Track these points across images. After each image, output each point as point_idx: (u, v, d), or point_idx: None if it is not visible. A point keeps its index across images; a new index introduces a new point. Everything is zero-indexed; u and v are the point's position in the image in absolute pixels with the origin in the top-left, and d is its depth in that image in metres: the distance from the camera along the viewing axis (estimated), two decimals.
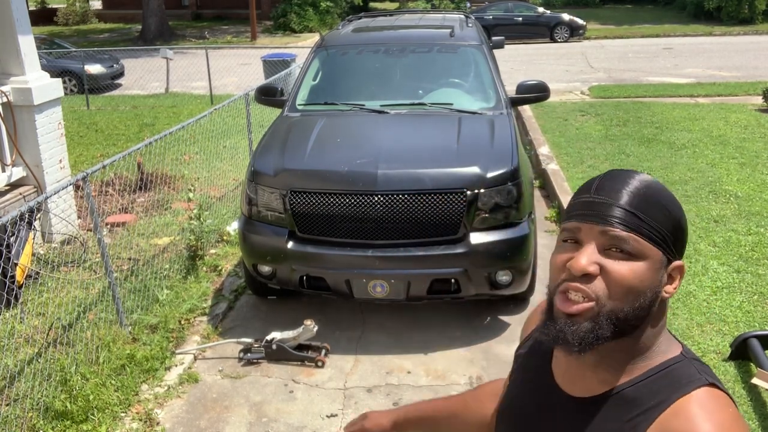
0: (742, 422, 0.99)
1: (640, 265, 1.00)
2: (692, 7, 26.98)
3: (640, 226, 0.99)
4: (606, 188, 1.03)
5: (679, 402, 0.99)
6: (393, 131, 4.76)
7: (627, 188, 1.02)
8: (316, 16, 27.21)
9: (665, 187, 1.05)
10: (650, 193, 1.02)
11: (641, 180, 1.03)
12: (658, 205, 1.01)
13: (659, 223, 1.00)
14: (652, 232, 1.00)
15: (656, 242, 1.00)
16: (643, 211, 1.00)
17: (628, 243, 0.99)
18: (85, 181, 4.12)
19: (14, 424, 3.46)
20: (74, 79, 14.63)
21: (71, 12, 32.85)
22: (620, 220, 1.00)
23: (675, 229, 1.02)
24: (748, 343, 3.78)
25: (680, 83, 13.14)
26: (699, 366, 1.04)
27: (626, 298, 1.00)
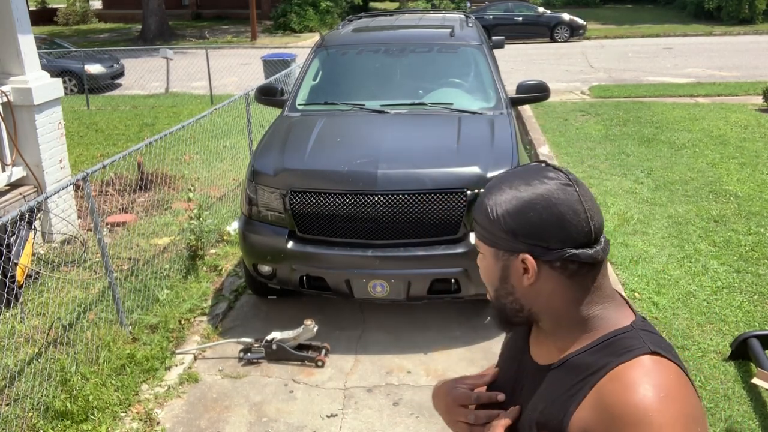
0: (685, 390, 1.03)
1: (483, 261, 1.20)
2: (692, 7, 26.98)
3: (477, 229, 1.18)
4: (479, 199, 1.21)
5: (619, 368, 1.05)
6: (393, 131, 4.76)
7: (480, 197, 1.19)
8: (316, 16, 27.21)
9: (506, 192, 1.14)
10: (488, 201, 1.16)
11: (489, 189, 1.17)
12: (488, 211, 1.15)
13: (487, 227, 1.15)
14: (484, 234, 1.17)
15: (487, 242, 1.16)
16: (478, 217, 1.17)
17: (477, 245, 1.21)
18: (85, 181, 4.12)
19: (14, 424, 3.46)
20: (74, 79, 14.63)
21: (71, 12, 32.85)
22: (474, 227, 1.21)
23: (505, 229, 1.13)
24: (748, 342, 3.79)
25: (680, 83, 13.14)
26: (647, 336, 1.10)
27: (488, 287, 1.21)
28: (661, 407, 0.99)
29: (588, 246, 1.11)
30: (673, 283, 4.80)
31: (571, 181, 1.13)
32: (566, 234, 1.10)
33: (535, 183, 1.13)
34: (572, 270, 1.12)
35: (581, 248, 1.11)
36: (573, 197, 1.11)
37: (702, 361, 3.88)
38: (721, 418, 3.41)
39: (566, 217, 1.10)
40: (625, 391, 1.02)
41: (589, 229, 1.11)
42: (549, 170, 1.15)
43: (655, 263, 5.10)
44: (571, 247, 1.10)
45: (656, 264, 5.08)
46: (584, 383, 1.09)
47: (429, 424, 3.59)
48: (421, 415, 3.67)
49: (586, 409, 1.06)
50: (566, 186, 1.12)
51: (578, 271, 1.12)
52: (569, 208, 1.10)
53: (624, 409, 1.00)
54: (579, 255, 1.10)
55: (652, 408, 0.99)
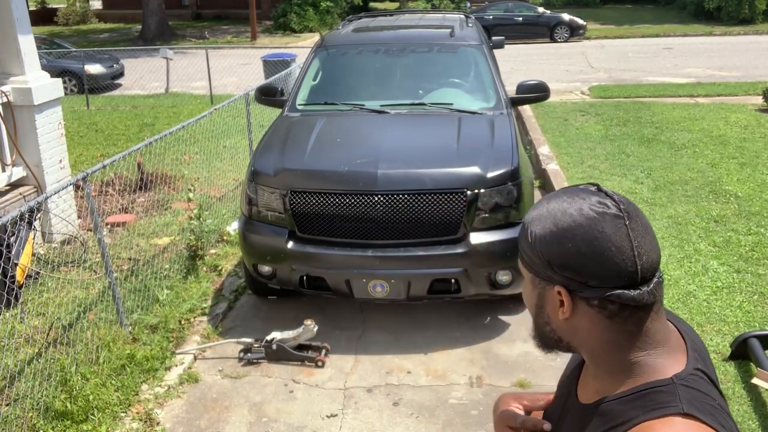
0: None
1: (524, 282, 1.14)
2: (692, 7, 26.98)
3: (519, 248, 1.12)
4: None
5: (643, 425, 0.97)
6: (393, 131, 4.76)
7: (527, 216, 1.11)
8: (316, 16, 27.22)
9: (546, 214, 1.06)
10: (528, 219, 1.09)
11: (535, 207, 1.10)
12: (527, 231, 1.08)
13: (524, 248, 1.09)
14: (522, 255, 1.10)
15: (525, 264, 1.10)
16: (520, 235, 1.11)
17: (520, 261, 1.14)
18: (85, 181, 4.12)
19: (14, 424, 3.46)
20: (74, 79, 14.63)
21: (71, 12, 32.85)
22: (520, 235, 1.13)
23: (540, 255, 1.05)
24: (748, 343, 3.78)
25: (680, 83, 13.14)
26: (686, 393, 0.99)
27: (528, 309, 1.16)
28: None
29: (632, 287, 0.99)
30: (673, 283, 4.80)
31: (622, 212, 1.01)
32: (606, 271, 0.99)
33: (580, 209, 1.02)
34: (612, 310, 1.01)
35: (624, 288, 0.99)
36: (620, 231, 0.99)
37: None
38: None
39: (608, 253, 0.99)
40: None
41: (635, 269, 0.99)
42: (599, 196, 1.03)
43: None
44: (612, 287, 0.99)
45: None
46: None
47: (429, 424, 3.60)
48: (421, 415, 3.67)
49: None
50: (615, 218, 1.00)
51: (619, 313, 1.01)
52: (613, 243, 0.99)
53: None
54: (619, 296, 0.99)
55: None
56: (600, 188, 1.06)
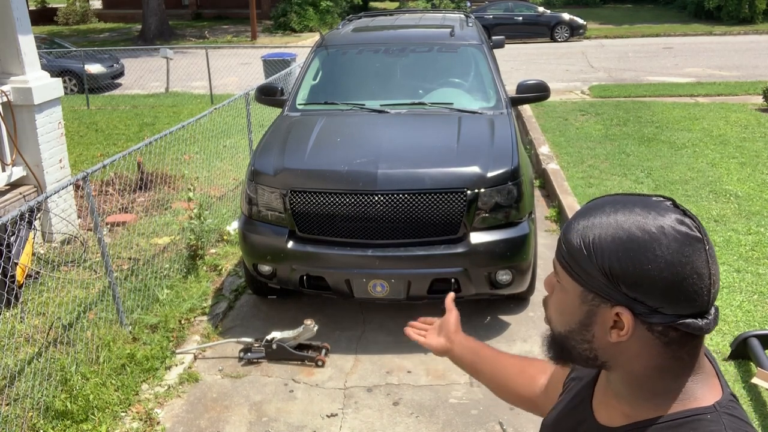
0: None
1: (563, 295, 1.01)
2: (692, 7, 26.98)
3: (563, 255, 0.99)
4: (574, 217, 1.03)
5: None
6: (393, 131, 4.76)
7: (576, 216, 1.01)
8: (316, 16, 27.21)
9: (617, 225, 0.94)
10: (587, 226, 0.96)
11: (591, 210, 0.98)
12: (585, 240, 0.95)
13: (579, 259, 0.96)
14: (570, 265, 0.97)
15: (574, 276, 0.97)
16: (569, 241, 0.97)
17: (558, 272, 1.02)
18: (85, 181, 4.12)
19: (14, 423, 3.46)
20: (74, 78, 14.63)
21: (71, 11, 32.83)
22: (558, 245, 1.01)
23: (605, 272, 0.94)
24: (748, 342, 3.78)
25: (680, 83, 13.13)
26: (730, 422, 0.94)
27: (557, 321, 1.03)
28: None
29: (701, 315, 0.93)
30: None
31: (702, 234, 0.93)
32: (682, 299, 0.91)
33: (662, 227, 0.92)
34: (672, 338, 0.94)
35: (693, 317, 0.92)
36: (701, 258, 0.91)
37: None
38: None
39: (690, 280, 0.91)
40: None
41: (708, 298, 0.92)
42: (678, 214, 0.94)
43: None
44: (683, 314, 0.92)
45: None
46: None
47: (429, 424, 3.60)
48: (421, 415, 3.67)
49: None
50: (697, 241, 0.92)
51: (679, 340, 0.95)
52: (695, 270, 0.91)
53: None
54: (689, 324, 0.92)
55: None
56: (676, 204, 0.96)
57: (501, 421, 3.60)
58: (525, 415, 3.62)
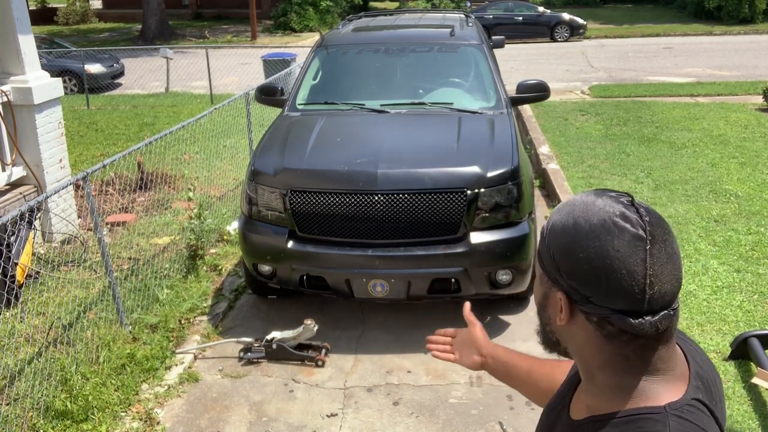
0: None
1: (537, 281, 1.10)
2: (692, 7, 26.97)
3: (541, 249, 1.06)
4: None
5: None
6: (393, 131, 4.76)
7: (558, 209, 1.06)
8: (316, 16, 27.21)
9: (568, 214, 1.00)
10: (553, 217, 1.04)
11: (560, 210, 1.04)
12: (548, 228, 1.04)
13: (540, 244, 1.06)
14: (539, 251, 1.06)
15: (539, 260, 1.06)
16: (542, 231, 1.06)
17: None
18: (86, 181, 4.12)
19: (14, 423, 3.46)
20: (74, 78, 14.63)
21: (71, 11, 32.84)
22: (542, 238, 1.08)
23: (550, 256, 1.01)
24: (748, 342, 3.78)
25: (680, 83, 13.13)
26: (677, 424, 0.94)
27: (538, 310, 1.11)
28: None
29: (635, 315, 0.93)
30: None
31: (646, 234, 0.93)
32: (611, 292, 0.94)
33: (604, 220, 0.95)
34: (610, 331, 0.96)
35: (625, 314, 0.94)
36: (637, 256, 0.92)
37: None
38: None
39: (617, 274, 0.93)
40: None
41: (642, 298, 0.92)
42: (628, 211, 0.96)
43: None
44: (614, 309, 0.94)
45: None
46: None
47: (429, 424, 3.60)
48: (421, 415, 3.67)
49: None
50: (636, 239, 0.93)
51: (618, 336, 0.96)
52: (625, 266, 0.92)
53: None
54: (617, 321, 0.94)
55: None
56: (634, 202, 0.98)
57: (501, 421, 3.60)
58: (525, 415, 3.62)
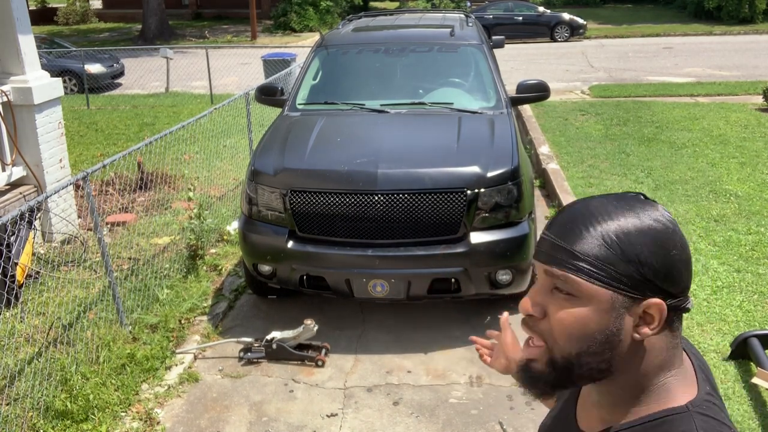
0: None
1: (582, 307, 0.92)
2: (692, 7, 26.97)
3: (577, 264, 0.92)
4: (555, 224, 0.97)
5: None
6: (393, 131, 4.76)
7: (573, 224, 0.94)
8: (316, 16, 27.21)
9: (631, 219, 0.93)
10: (598, 228, 0.92)
11: (592, 215, 0.94)
12: (608, 241, 0.91)
13: (606, 261, 0.91)
14: (596, 271, 0.91)
15: (604, 282, 0.91)
16: (585, 249, 0.91)
17: (566, 283, 0.93)
18: (86, 181, 4.12)
19: (14, 423, 3.46)
20: (74, 78, 14.63)
21: (71, 11, 32.84)
22: (557, 256, 0.94)
23: (639, 266, 0.90)
24: (748, 342, 3.79)
25: (680, 82, 13.13)
26: (702, 422, 0.93)
27: (571, 342, 0.93)
28: None
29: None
30: None
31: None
32: (689, 278, 0.94)
33: (662, 216, 0.94)
34: (675, 323, 0.95)
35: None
36: (685, 238, 0.96)
37: None
38: None
39: (691, 260, 0.95)
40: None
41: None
42: (658, 205, 0.97)
43: None
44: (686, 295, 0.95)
45: None
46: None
47: (429, 424, 3.60)
48: (421, 415, 3.67)
49: None
50: (677, 225, 0.97)
51: (678, 325, 0.96)
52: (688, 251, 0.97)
53: None
54: (687, 302, 0.94)
55: None
56: (646, 197, 0.98)
57: (501, 420, 3.60)
58: (525, 415, 3.62)
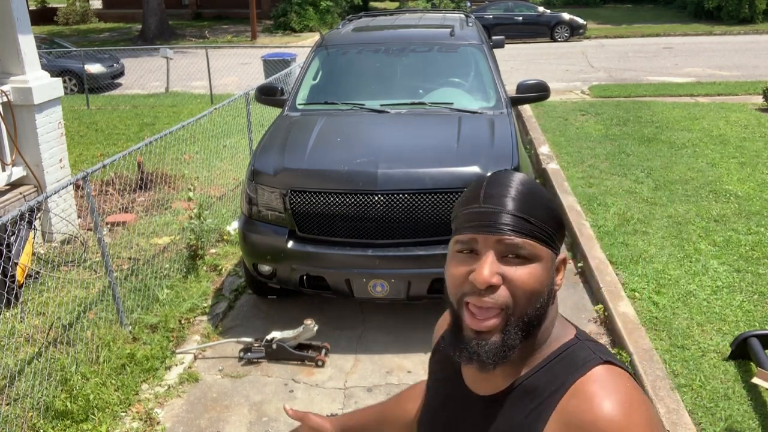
0: (641, 395, 1.01)
1: (536, 267, 1.03)
2: (692, 7, 26.98)
3: (531, 230, 1.02)
4: (494, 196, 1.04)
5: (577, 383, 1.02)
6: (393, 131, 4.76)
7: (512, 193, 1.04)
8: (316, 16, 27.21)
9: (539, 184, 1.10)
10: (532, 195, 1.05)
11: (522, 182, 1.06)
12: (540, 205, 1.04)
13: (545, 223, 1.04)
14: (542, 234, 1.03)
15: (545, 242, 1.04)
16: (531, 214, 1.03)
17: (524, 248, 1.02)
18: (86, 181, 4.12)
19: (14, 423, 3.46)
20: (74, 78, 14.63)
21: (71, 11, 32.84)
22: (513, 227, 1.02)
23: (557, 224, 1.06)
24: (748, 342, 3.78)
25: (680, 82, 13.13)
26: (593, 346, 1.07)
27: (529, 302, 1.03)
28: (628, 416, 0.97)
29: None
30: (673, 282, 4.80)
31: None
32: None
33: (527, 176, 1.12)
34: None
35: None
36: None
37: (702, 361, 3.88)
38: (721, 417, 3.41)
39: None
40: (591, 406, 0.98)
41: None
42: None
43: (655, 263, 5.10)
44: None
45: (656, 264, 5.08)
46: (545, 404, 1.03)
47: None
48: None
49: (554, 430, 1.01)
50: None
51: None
52: None
53: (592, 427, 0.97)
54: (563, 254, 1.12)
55: (619, 419, 0.96)
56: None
57: None
58: None
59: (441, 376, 1.23)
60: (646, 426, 0.97)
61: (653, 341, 4.05)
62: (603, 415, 0.97)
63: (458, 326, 1.07)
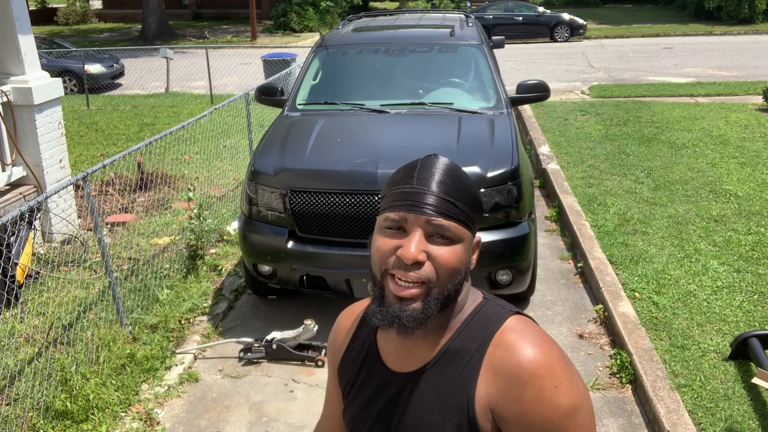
0: (550, 338, 1.16)
1: (458, 247, 1.13)
2: (692, 7, 26.99)
3: (457, 213, 1.12)
4: (425, 179, 1.13)
5: (497, 335, 1.14)
6: (393, 131, 4.76)
7: (442, 178, 1.13)
8: (316, 16, 27.22)
9: (463, 170, 1.19)
10: (460, 180, 1.15)
11: (451, 168, 1.15)
12: (466, 190, 1.14)
13: (469, 207, 1.14)
14: (465, 217, 1.13)
15: (467, 225, 1.14)
16: (458, 199, 1.13)
17: (450, 230, 1.11)
18: (86, 181, 4.12)
19: (14, 423, 3.46)
20: (74, 78, 14.63)
21: (71, 12, 32.85)
22: (442, 210, 1.11)
23: (478, 208, 1.16)
24: (748, 342, 3.78)
25: (680, 83, 13.14)
26: (501, 302, 1.21)
27: (450, 279, 1.12)
28: (546, 354, 1.10)
29: None
30: (673, 282, 4.80)
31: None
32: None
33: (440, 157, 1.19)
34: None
35: None
36: None
37: (702, 361, 3.88)
38: (721, 417, 3.41)
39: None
40: (514, 352, 1.10)
41: None
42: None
43: (655, 263, 5.10)
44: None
45: (656, 264, 5.08)
46: (474, 360, 1.13)
47: None
48: None
49: (485, 383, 1.11)
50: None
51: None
52: None
53: (519, 369, 1.09)
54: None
55: (540, 358, 1.09)
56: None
57: None
58: None
59: (360, 373, 1.28)
60: (561, 360, 1.11)
61: (653, 341, 4.05)
62: (526, 357, 1.10)
63: (381, 295, 1.15)
